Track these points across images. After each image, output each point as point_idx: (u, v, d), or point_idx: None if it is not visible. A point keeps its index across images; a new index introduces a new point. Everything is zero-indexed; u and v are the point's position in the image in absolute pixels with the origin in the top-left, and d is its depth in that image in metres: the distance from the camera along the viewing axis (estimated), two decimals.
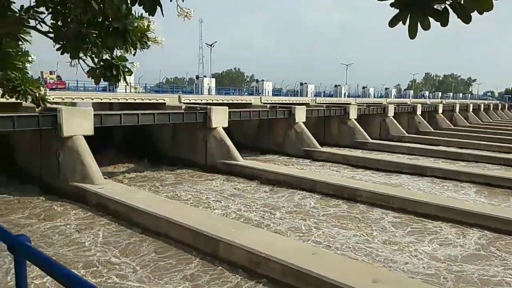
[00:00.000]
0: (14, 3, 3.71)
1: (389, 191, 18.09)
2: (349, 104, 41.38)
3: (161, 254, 12.09)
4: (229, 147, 24.74)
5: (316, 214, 16.43)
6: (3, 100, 13.42)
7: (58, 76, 32.67)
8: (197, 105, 27.08)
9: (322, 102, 43.13)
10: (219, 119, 25.46)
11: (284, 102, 38.60)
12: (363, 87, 64.40)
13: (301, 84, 53.07)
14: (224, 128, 25.68)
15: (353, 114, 37.71)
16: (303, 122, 31.88)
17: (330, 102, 43.66)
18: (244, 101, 34.88)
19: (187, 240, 12.54)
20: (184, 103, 28.71)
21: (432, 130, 46.78)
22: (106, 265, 11.32)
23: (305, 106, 33.47)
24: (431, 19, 2.03)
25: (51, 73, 32.82)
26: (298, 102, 39.75)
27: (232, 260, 11.24)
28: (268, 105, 32.93)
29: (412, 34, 2.06)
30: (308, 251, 11.21)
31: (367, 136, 36.97)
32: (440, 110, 53.65)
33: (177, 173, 24.10)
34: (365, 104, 43.55)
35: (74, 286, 1.12)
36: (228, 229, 12.43)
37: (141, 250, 12.36)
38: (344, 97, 55.64)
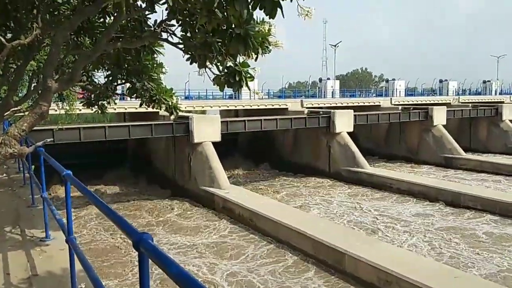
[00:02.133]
0: (150, 18, 4.24)
1: None
2: (502, 102, 36.18)
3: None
4: (355, 153, 24.00)
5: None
6: (143, 109, 15.21)
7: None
8: (320, 109, 27.03)
9: (466, 101, 38.72)
10: (344, 123, 24.94)
11: (419, 102, 35.83)
12: None
13: (440, 81, 48.54)
14: (349, 133, 25.04)
15: (507, 114, 32.91)
16: (443, 125, 29.07)
17: (477, 101, 38.86)
18: (372, 103, 33.53)
19: (307, 249, 12.53)
20: (306, 107, 28.94)
21: None
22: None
23: (445, 107, 30.54)
24: None
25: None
26: (436, 102, 36.44)
27: (357, 276, 10.81)
28: (400, 107, 30.95)
29: None
30: (449, 273, 10.07)
31: None
32: None
33: (299, 179, 24.37)
34: None
35: None
36: (352, 241, 12.00)
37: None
38: (496, 94, 48.92)
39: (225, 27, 3.72)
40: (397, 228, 15.44)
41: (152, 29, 4.23)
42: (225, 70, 4.34)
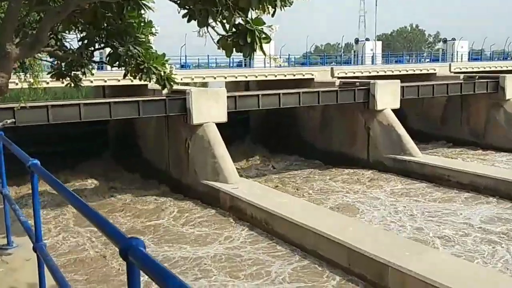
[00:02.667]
0: None
1: None
2: None
3: None
4: (402, 137, 23.83)
5: None
6: (128, 82, 15.08)
7: None
8: (356, 80, 26.75)
9: None
10: (387, 97, 24.72)
11: (487, 70, 35.25)
12: None
13: None
14: (394, 110, 24.84)
15: None
16: None
17: None
18: (425, 71, 33.14)
19: (340, 260, 12.62)
20: (338, 77, 28.71)
21: None
22: None
23: None
24: None
25: None
26: (510, 69, 35.72)
27: None
28: (462, 75, 30.52)
29: None
30: None
31: None
32: None
33: (327, 171, 24.37)
34: None
35: None
36: (399, 251, 12.02)
37: None
38: None
39: None
40: (466, 237, 15.22)
41: None
42: (233, 30, 4.31)
